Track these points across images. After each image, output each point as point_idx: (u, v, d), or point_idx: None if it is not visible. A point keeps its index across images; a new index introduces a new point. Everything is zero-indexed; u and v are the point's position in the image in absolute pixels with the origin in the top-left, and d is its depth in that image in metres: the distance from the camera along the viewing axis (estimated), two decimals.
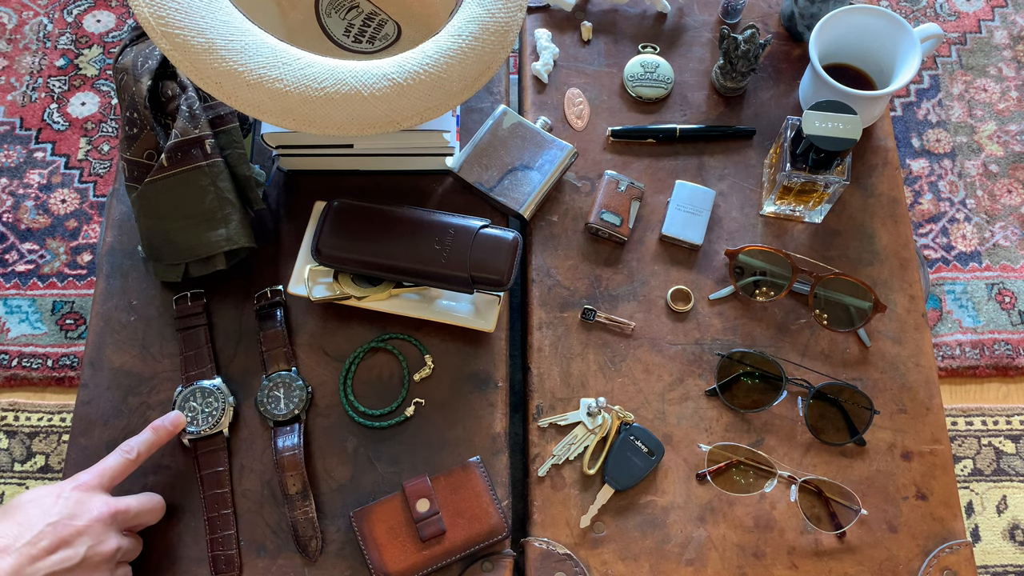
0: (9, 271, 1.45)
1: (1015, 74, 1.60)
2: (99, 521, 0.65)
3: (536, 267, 0.86)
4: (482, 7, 0.73)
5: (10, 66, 1.61)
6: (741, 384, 0.82)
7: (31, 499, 0.65)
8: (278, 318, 0.81)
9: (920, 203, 1.50)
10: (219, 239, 0.78)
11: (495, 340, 0.83)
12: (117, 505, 0.68)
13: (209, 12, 0.67)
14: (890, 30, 0.87)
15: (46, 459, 1.34)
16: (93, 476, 0.68)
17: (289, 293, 0.81)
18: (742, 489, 0.78)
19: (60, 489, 0.66)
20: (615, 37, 0.96)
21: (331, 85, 0.68)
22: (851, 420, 0.80)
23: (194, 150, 0.77)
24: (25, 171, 1.52)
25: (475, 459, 0.77)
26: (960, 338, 1.41)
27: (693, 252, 0.87)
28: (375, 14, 0.86)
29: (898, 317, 0.85)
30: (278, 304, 0.81)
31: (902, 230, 0.88)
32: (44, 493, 0.66)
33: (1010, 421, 1.37)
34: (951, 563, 0.76)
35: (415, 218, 0.79)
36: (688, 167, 0.90)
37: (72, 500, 0.65)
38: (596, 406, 0.80)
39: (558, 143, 0.87)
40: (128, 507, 0.69)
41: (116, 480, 0.70)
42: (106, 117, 1.57)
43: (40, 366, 1.39)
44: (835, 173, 0.81)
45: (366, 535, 0.73)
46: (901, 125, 1.56)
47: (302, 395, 0.78)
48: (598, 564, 0.76)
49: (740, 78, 0.91)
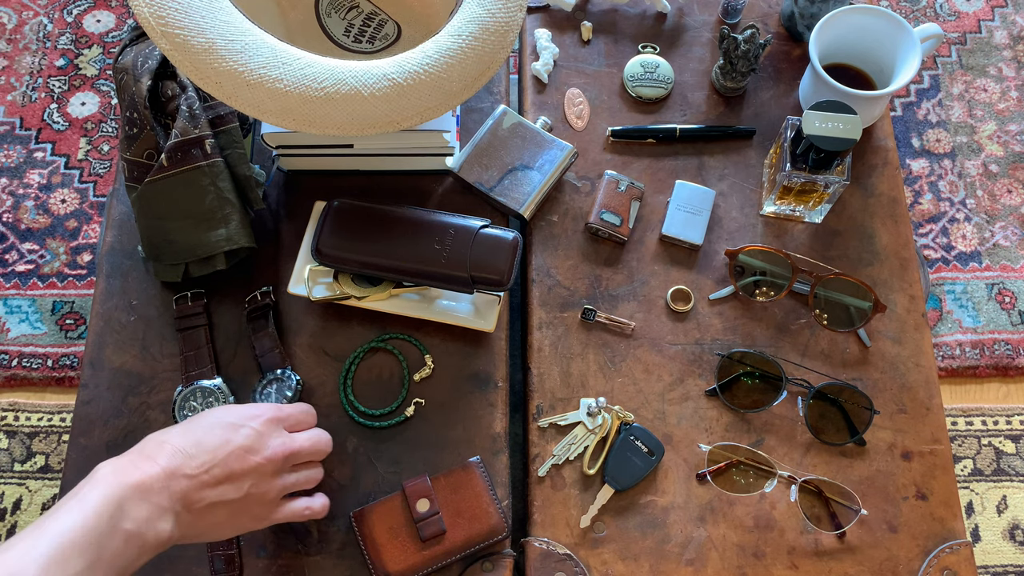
0: (9, 271, 1.45)
1: (1015, 74, 1.60)
2: (272, 461, 0.64)
3: (536, 267, 0.86)
4: (482, 7, 0.73)
5: (10, 66, 1.61)
6: (741, 384, 0.82)
7: (217, 420, 0.64)
8: (269, 319, 0.81)
9: (920, 203, 1.50)
10: (219, 239, 0.78)
11: (495, 340, 0.83)
12: (291, 447, 0.66)
13: (209, 12, 0.67)
14: (890, 30, 0.87)
15: (46, 459, 1.34)
16: (280, 413, 0.67)
17: (289, 293, 0.81)
18: (742, 489, 0.78)
19: (247, 416, 0.65)
20: (615, 37, 0.96)
21: (331, 85, 0.68)
22: (851, 420, 0.80)
23: (194, 150, 0.77)
24: (25, 171, 1.52)
25: (475, 459, 0.77)
26: (960, 338, 1.41)
27: (693, 252, 0.87)
28: (375, 14, 0.86)
29: (898, 317, 0.85)
30: (268, 307, 0.81)
31: (902, 230, 0.88)
32: (232, 418, 0.65)
33: (1010, 421, 1.36)
34: (951, 563, 0.76)
35: (415, 218, 0.79)
36: (688, 167, 0.90)
37: (255, 434, 0.64)
38: (596, 406, 0.80)
39: (558, 143, 0.87)
40: (301, 448, 0.67)
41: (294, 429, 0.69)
42: (106, 117, 1.57)
43: (40, 366, 1.39)
44: (835, 173, 0.81)
45: (366, 535, 0.73)
46: (901, 125, 1.56)
47: (293, 386, 0.78)
48: (598, 564, 0.76)
49: (740, 78, 0.91)
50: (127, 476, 0.57)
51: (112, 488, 0.56)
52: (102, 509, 0.55)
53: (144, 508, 0.57)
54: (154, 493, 0.58)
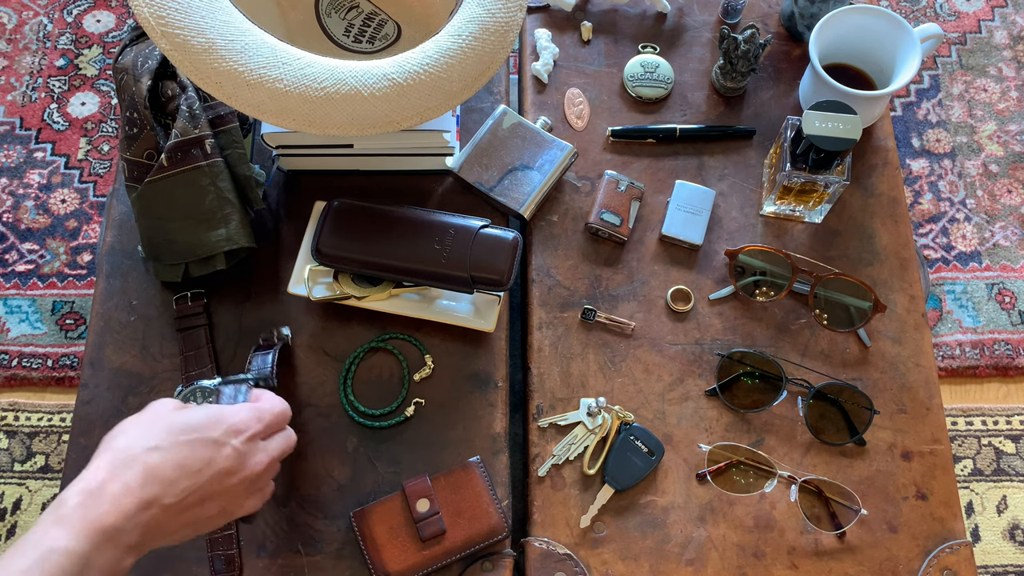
0: (9, 271, 1.45)
1: (1015, 74, 1.60)
2: (250, 481, 0.60)
3: (536, 267, 0.86)
4: (482, 7, 0.73)
5: (10, 66, 1.61)
6: (741, 384, 0.82)
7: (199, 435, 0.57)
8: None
9: (920, 203, 1.50)
10: (219, 239, 0.78)
11: (495, 340, 0.83)
12: (268, 462, 0.61)
13: (209, 12, 0.67)
14: (890, 30, 0.87)
15: (46, 459, 1.34)
16: (260, 426, 0.62)
17: (289, 293, 0.81)
18: (742, 489, 0.78)
19: (231, 431, 0.59)
20: (615, 37, 0.96)
21: (331, 85, 0.68)
22: (851, 420, 0.80)
23: (194, 150, 0.77)
24: (25, 171, 1.52)
25: (475, 459, 0.76)
26: (960, 338, 1.41)
27: (693, 252, 0.87)
28: (375, 14, 0.86)
29: (898, 317, 0.85)
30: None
31: (902, 230, 0.88)
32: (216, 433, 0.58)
33: (1010, 421, 1.36)
34: (951, 563, 0.76)
35: (415, 218, 0.79)
36: (688, 167, 0.90)
37: (238, 455, 0.59)
38: (596, 406, 0.80)
39: (558, 143, 0.87)
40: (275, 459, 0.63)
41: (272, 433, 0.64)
42: (106, 117, 1.57)
43: (40, 366, 1.39)
44: (835, 173, 0.80)
45: (366, 535, 0.73)
46: (901, 125, 1.56)
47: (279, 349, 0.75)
48: (598, 564, 0.76)
49: (740, 78, 0.91)
50: (97, 516, 0.52)
51: (79, 536, 0.51)
52: (66, 565, 0.50)
53: (111, 553, 0.52)
54: (124, 533, 0.53)
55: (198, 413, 0.59)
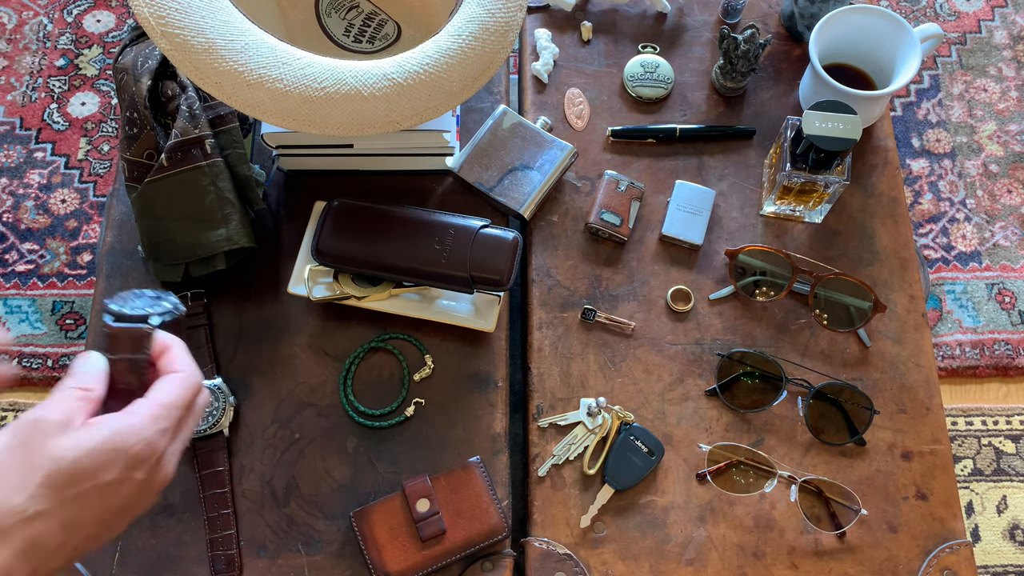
0: (9, 271, 1.45)
1: (1015, 74, 1.60)
2: (157, 491, 0.49)
3: (536, 267, 0.86)
4: (482, 7, 0.73)
5: (10, 66, 1.61)
6: (741, 384, 0.82)
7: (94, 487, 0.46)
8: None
9: (920, 203, 1.50)
10: (219, 239, 0.78)
11: (495, 340, 0.83)
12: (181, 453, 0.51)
13: (209, 12, 0.67)
14: (890, 30, 0.87)
15: None
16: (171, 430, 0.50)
17: (289, 293, 0.81)
18: (742, 489, 0.78)
19: (131, 467, 0.47)
20: (615, 37, 0.96)
21: (331, 85, 0.68)
22: (851, 420, 0.80)
23: (194, 150, 0.77)
24: (25, 171, 1.52)
25: (475, 459, 0.76)
26: (960, 338, 1.41)
27: (693, 252, 0.87)
28: (375, 14, 0.86)
29: (898, 317, 0.85)
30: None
31: (902, 230, 0.88)
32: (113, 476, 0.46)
33: (1010, 421, 1.36)
34: (951, 563, 0.76)
35: (415, 218, 0.79)
36: (688, 167, 0.90)
37: (142, 486, 0.48)
38: (596, 406, 0.80)
39: (558, 143, 0.87)
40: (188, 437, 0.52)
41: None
42: (106, 117, 1.57)
43: (40, 366, 1.39)
44: (835, 173, 0.80)
45: (366, 535, 0.73)
46: (901, 125, 1.56)
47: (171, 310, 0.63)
48: (598, 564, 0.76)
49: (740, 78, 0.91)
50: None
51: None
52: None
53: None
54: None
55: (86, 443, 0.45)
